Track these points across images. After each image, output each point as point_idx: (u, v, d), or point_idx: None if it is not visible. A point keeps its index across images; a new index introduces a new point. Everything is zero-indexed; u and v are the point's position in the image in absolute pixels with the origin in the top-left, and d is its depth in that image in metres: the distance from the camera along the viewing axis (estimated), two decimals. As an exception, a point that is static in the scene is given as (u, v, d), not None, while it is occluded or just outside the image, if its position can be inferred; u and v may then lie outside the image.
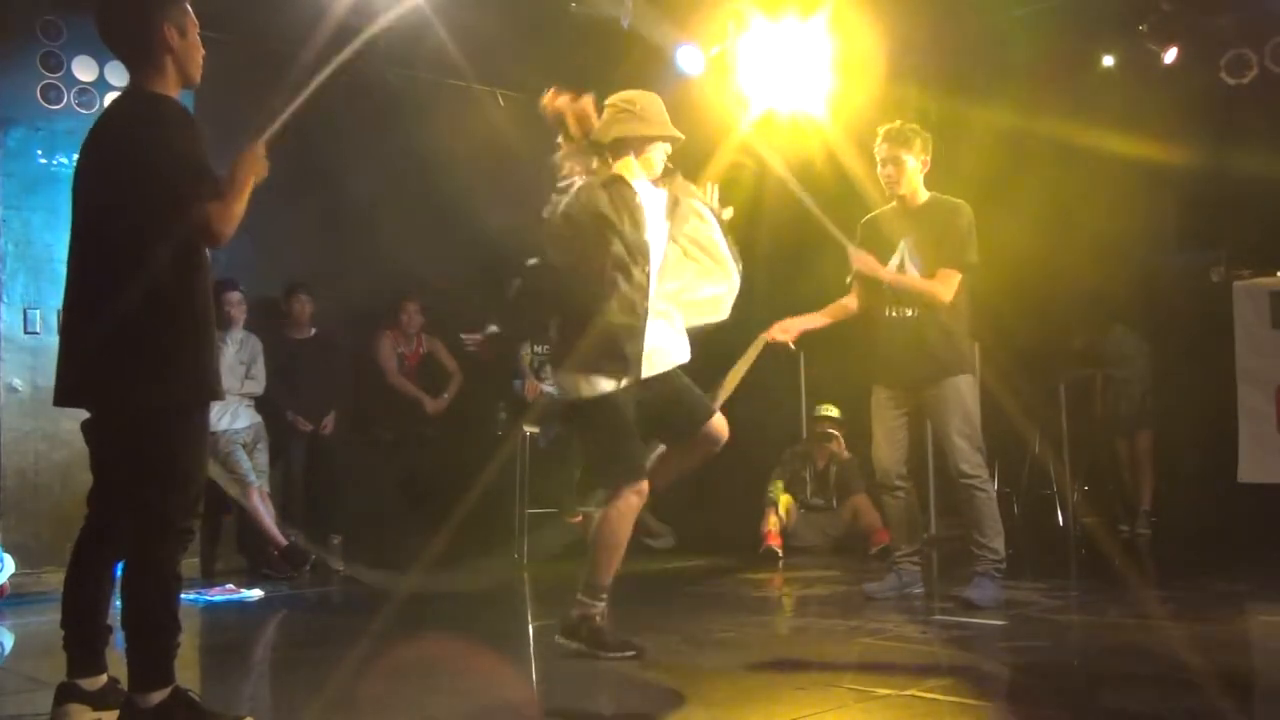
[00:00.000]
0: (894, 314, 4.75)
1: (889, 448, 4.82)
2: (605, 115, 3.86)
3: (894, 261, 4.75)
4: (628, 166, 3.83)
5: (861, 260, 4.73)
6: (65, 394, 2.88)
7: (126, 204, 2.77)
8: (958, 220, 4.70)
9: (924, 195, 4.79)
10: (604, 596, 3.78)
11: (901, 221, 4.74)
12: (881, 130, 4.77)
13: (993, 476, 7.10)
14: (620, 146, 3.83)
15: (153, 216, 2.74)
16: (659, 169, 3.88)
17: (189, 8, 2.92)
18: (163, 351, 2.77)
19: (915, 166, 4.73)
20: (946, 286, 4.65)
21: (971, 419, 4.70)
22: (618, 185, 3.75)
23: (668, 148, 3.88)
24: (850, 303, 4.90)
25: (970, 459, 4.64)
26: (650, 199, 3.83)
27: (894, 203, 4.82)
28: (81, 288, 2.87)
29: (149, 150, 2.76)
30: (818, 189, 5.24)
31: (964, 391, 4.70)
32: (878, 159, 4.77)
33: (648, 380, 3.73)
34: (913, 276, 4.69)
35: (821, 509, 6.94)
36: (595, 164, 3.84)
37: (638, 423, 3.75)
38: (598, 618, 3.76)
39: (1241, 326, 5.70)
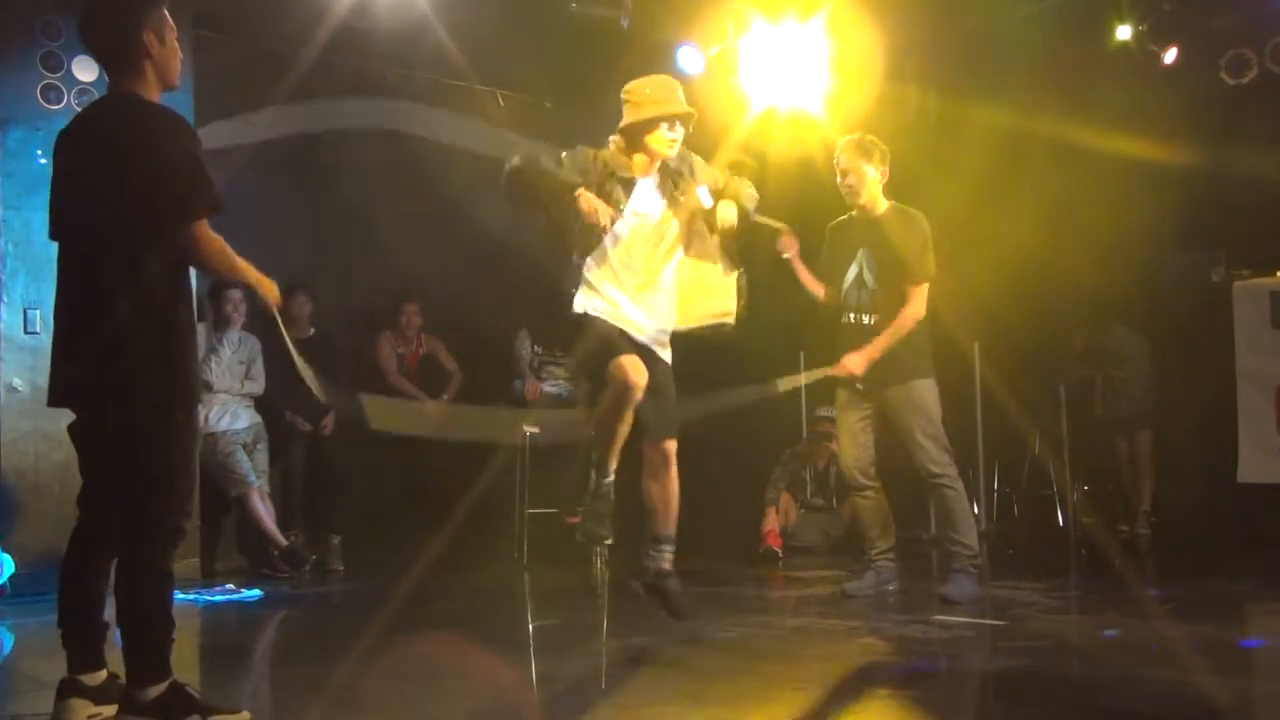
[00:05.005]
0: (852, 320, 4.91)
1: (853, 449, 4.95)
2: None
3: (852, 270, 4.91)
4: (639, 151, 3.98)
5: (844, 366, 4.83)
6: (57, 396, 2.92)
7: (115, 209, 2.78)
8: (915, 233, 4.84)
9: (883, 205, 4.92)
10: (609, 475, 3.93)
11: (861, 230, 4.91)
12: (841, 141, 4.90)
13: (993, 476, 7.14)
14: (627, 137, 3.99)
15: (140, 222, 2.77)
16: (666, 148, 3.97)
17: (167, 14, 2.96)
18: (148, 354, 2.79)
19: (875, 177, 4.85)
20: (917, 304, 4.81)
21: (934, 420, 4.82)
22: (604, 156, 3.96)
23: (668, 127, 3.93)
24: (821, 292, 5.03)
25: (937, 459, 4.75)
26: (641, 185, 3.96)
27: (855, 211, 4.95)
28: (69, 291, 2.90)
29: (140, 157, 2.78)
30: (818, 189, 5.25)
31: (924, 393, 4.83)
32: (838, 170, 4.89)
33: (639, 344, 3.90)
34: (890, 334, 4.76)
35: (821, 509, 6.93)
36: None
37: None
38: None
39: (1241, 326, 5.71)
